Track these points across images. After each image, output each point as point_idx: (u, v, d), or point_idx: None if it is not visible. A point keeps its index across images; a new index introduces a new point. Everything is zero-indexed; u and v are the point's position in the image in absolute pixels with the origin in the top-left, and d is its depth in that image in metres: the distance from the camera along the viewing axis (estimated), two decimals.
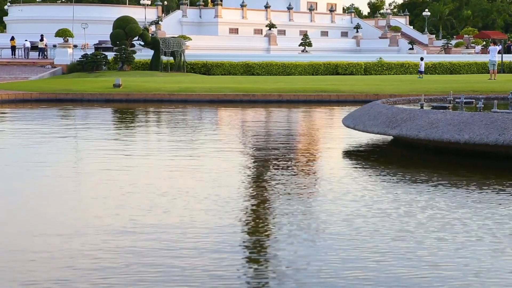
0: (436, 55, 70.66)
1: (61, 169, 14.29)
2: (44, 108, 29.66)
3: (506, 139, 13.72)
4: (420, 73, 48.79)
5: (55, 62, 52.14)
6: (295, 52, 69.53)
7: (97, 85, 36.84)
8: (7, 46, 62.87)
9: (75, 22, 58.00)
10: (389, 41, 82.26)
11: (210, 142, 19.06)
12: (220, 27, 78.73)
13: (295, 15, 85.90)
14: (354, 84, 38.71)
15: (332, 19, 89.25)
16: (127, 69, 50.33)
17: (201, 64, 54.00)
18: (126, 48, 50.58)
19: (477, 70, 57.88)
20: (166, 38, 53.76)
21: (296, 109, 30.29)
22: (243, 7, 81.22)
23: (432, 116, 15.25)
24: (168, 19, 78.27)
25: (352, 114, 18.45)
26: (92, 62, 49.58)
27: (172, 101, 32.42)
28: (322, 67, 55.28)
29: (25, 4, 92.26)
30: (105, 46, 59.08)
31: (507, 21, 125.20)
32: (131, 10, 73.76)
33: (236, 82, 39.85)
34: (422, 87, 35.24)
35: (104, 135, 20.54)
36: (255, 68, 53.87)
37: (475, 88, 34.19)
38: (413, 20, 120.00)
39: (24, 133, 20.82)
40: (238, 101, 32.72)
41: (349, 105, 30.06)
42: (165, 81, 41.14)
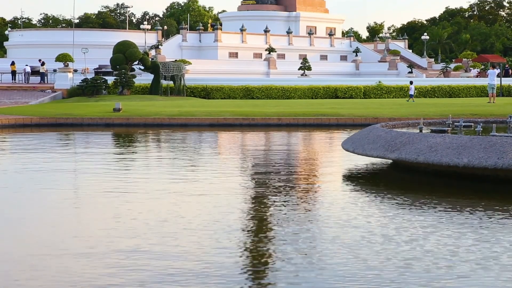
0: (435, 79, 70.87)
1: (60, 194, 14.29)
2: (44, 133, 29.71)
3: (505, 163, 13.74)
4: (411, 97, 49.16)
5: (55, 87, 52.30)
6: (295, 76, 69.75)
7: (97, 110, 36.92)
8: (7, 71, 63.11)
9: (76, 46, 58.28)
10: (388, 65, 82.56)
11: (210, 167, 19.07)
12: (219, 51, 79.07)
13: (294, 39, 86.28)
14: (353, 107, 38.79)
15: (331, 43, 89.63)
16: (127, 93, 50.45)
17: (201, 88, 54.15)
18: (126, 73, 50.74)
19: (476, 94, 58.04)
20: (166, 63, 53.96)
21: (295, 132, 30.32)
22: (243, 31, 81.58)
23: (431, 139, 15.29)
24: (168, 44, 78.62)
25: (352, 138, 18.48)
26: (92, 86, 49.72)
27: (172, 125, 32.47)
28: (322, 91, 55.43)
29: (26, 29, 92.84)
30: (105, 71, 59.31)
31: (506, 44, 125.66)
32: (131, 35, 74.14)
33: (236, 106, 39.93)
34: (421, 111, 35.31)
35: (104, 160, 20.56)
36: (254, 92, 54.01)
37: (474, 112, 34.26)
38: (412, 43, 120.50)
39: (23, 158, 20.84)
40: (238, 125, 32.77)
41: (349, 128, 30.13)
42: (165, 105, 41.23)
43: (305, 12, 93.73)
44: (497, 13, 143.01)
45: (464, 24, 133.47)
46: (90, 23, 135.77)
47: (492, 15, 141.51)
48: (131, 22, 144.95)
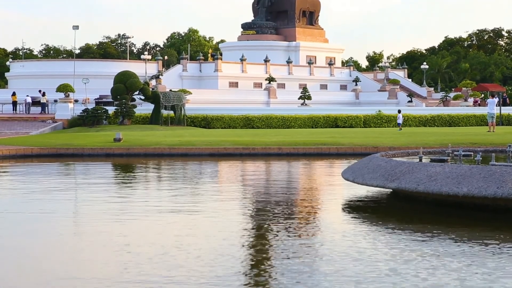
0: (435, 108, 71.05)
1: (60, 227, 14.28)
2: (44, 163, 29.73)
3: (504, 192, 13.75)
4: (399, 125, 49.47)
5: (56, 117, 52.44)
6: (295, 105, 69.95)
7: (98, 140, 36.98)
8: (8, 102, 63.30)
9: (76, 77, 58.54)
10: (388, 94, 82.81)
11: (210, 198, 19.07)
12: (220, 81, 79.34)
13: (294, 68, 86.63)
14: (353, 136, 38.86)
15: (331, 72, 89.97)
16: (128, 123, 50.58)
17: (201, 118, 54.28)
18: (126, 103, 50.91)
19: (476, 123, 58.15)
20: (166, 92, 54.15)
21: (296, 162, 30.35)
22: (243, 61, 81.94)
23: (430, 169, 15.31)
24: (168, 73, 78.93)
25: (351, 167, 18.51)
26: (93, 116, 49.86)
27: (173, 155, 32.49)
28: (322, 120, 55.57)
29: (27, 60, 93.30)
30: (106, 101, 59.50)
31: (505, 73, 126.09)
32: (132, 65, 74.46)
33: (236, 136, 40.00)
34: (421, 140, 35.37)
35: (104, 190, 20.56)
36: (255, 121, 54.14)
37: (474, 141, 34.32)
38: (412, 73, 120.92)
39: (22, 189, 20.84)
40: (238, 154, 32.80)
41: (349, 158, 30.15)
42: (165, 135, 41.30)
43: (305, 42, 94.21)
44: (496, 42, 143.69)
45: (463, 53, 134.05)
46: (91, 53, 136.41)
47: (491, 44, 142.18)
48: (132, 52, 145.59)
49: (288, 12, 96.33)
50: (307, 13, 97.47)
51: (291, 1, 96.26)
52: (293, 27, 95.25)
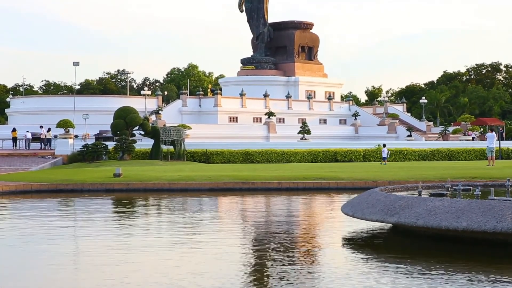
0: (434, 142, 71.14)
1: (61, 262, 14.26)
2: (44, 199, 29.71)
3: (504, 227, 13.77)
4: (383, 160, 49.62)
5: (56, 153, 52.48)
6: (294, 139, 70.03)
7: (98, 175, 36.99)
8: (8, 138, 63.40)
9: (76, 112, 58.68)
10: (387, 128, 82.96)
11: (210, 234, 19.05)
12: (219, 116, 79.49)
13: (293, 103, 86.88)
14: (353, 171, 38.89)
15: (330, 107, 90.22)
16: (128, 159, 50.61)
17: (201, 153, 54.32)
18: (126, 138, 51.00)
19: (475, 157, 58.16)
20: (166, 127, 54.27)
21: (296, 196, 30.34)
22: (242, 96, 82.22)
23: (430, 203, 15.34)
24: (168, 109, 79.12)
25: (351, 202, 18.53)
26: (93, 152, 49.92)
27: (172, 190, 32.49)
28: (321, 155, 55.61)
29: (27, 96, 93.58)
30: (105, 136, 59.58)
31: (504, 108, 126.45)
32: (132, 100, 74.69)
33: (236, 170, 40.03)
34: (420, 174, 35.39)
35: (104, 227, 20.55)
36: (254, 156, 54.19)
37: (474, 175, 34.34)
38: (411, 107, 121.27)
39: (20, 225, 20.82)
40: (238, 189, 32.80)
41: (348, 192, 30.16)
42: (165, 170, 41.33)
43: (304, 76, 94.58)
44: (494, 76, 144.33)
45: (462, 87, 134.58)
46: (91, 89, 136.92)
47: (490, 78, 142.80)
48: (132, 88, 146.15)
49: (287, 48, 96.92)
50: (306, 48, 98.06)
51: (290, 37, 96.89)
52: (292, 62, 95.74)
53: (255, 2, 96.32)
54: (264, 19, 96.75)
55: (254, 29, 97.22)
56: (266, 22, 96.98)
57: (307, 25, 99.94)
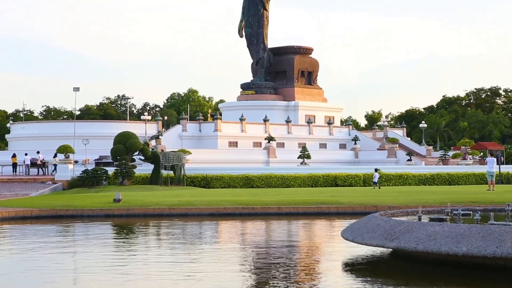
0: (434, 166, 71.15)
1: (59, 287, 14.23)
2: (43, 225, 29.67)
3: (504, 251, 13.75)
4: (375, 184, 49.68)
5: (55, 178, 52.47)
6: (294, 164, 70.03)
7: (98, 200, 36.96)
8: (8, 163, 63.43)
9: (77, 138, 58.77)
10: (387, 153, 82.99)
11: (209, 260, 19.00)
12: (219, 141, 79.56)
13: (293, 128, 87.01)
14: (353, 195, 38.86)
15: (330, 131, 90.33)
16: (127, 184, 50.58)
17: (201, 178, 54.31)
18: (126, 163, 51.01)
19: (476, 181, 58.12)
20: (166, 152, 54.28)
21: (296, 221, 30.31)
22: (242, 120, 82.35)
23: (429, 228, 15.33)
24: (168, 134, 79.23)
25: (351, 226, 18.52)
26: (93, 177, 49.90)
27: (172, 215, 32.45)
28: (321, 179, 55.60)
29: (27, 122, 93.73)
30: (105, 161, 59.57)
31: (504, 132, 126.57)
32: (132, 126, 74.79)
33: (236, 195, 40.01)
34: (420, 198, 35.37)
35: (103, 253, 20.50)
36: (254, 180, 54.17)
37: (474, 199, 34.32)
38: (411, 131, 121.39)
39: (20, 253, 20.79)
40: (237, 214, 32.77)
41: (349, 217, 30.12)
42: (165, 195, 41.30)
43: (304, 101, 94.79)
44: (494, 101, 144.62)
45: (462, 112, 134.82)
46: (91, 114, 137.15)
47: (489, 103, 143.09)
48: (132, 113, 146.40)
49: (287, 72, 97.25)
50: (306, 73, 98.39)
51: (289, 62, 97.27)
52: (292, 87, 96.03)
53: (255, 28, 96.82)
54: (264, 44, 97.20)
55: (254, 54, 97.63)
56: (266, 47, 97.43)
57: (307, 50, 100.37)
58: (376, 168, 53.35)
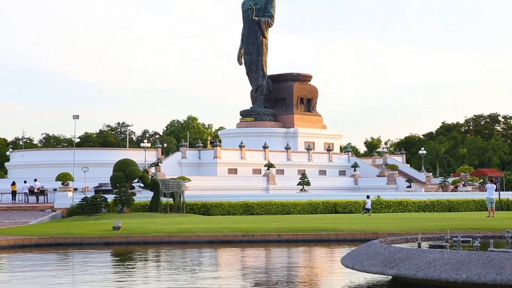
0: (434, 193, 71.08)
1: None
2: (43, 253, 29.58)
3: (503, 279, 13.73)
4: (367, 211, 49.71)
5: (55, 206, 52.38)
6: (294, 191, 69.98)
7: (97, 228, 36.89)
8: (7, 191, 63.38)
9: (76, 165, 58.74)
10: (387, 179, 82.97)
11: (209, 287, 18.96)
12: (219, 168, 79.57)
13: (293, 154, 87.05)
14: (353, 222, 38.81)
15: (329, 158, 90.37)
16: (127, 211, 50.52)
17: (201, 205, 54.25)
18: (126, 191, 50.97)
19: (475, 208, 58.04)
20: (165, 180, 54.27)
21: (295, 248, 30.24)
22: (242, 147, 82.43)
23: (429, 255, 15.31)
24: (167, 161, 79.25)
25: (351, 253, 18.49)
26: (92, 205, 49.83)
27: (172, 243, 32.38)
28: (321, 206, 55.54)
29: (27, 149, 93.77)
30: (105, 189, 59.53)
31: (503, 159, 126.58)
32: (131, 153, 74.84)
33: (235, 222, 39.94)
34: (420, 225, 35.33)
35: (102, 282, 20.44)
36: (254, 207, 54.11)
37: (474, 226, 34.28)
38: (410, 158, 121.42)
39: (19, 282, 20.72)
40: (237, 241, 32.70)
41: (348, 244, 30.07)
42: (164, 222, 41.23)
43: (303, 128, 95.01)
44: (493, 127, 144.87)
45: (461, 138, 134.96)
46: (91, 141, 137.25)
47: (488, 129, 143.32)
48: (132, 140, 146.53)
49: (286, 99, 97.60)
50: (305, 100, 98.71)
51: (289, 89, 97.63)
52: (291, 113, 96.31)
53: (254, 55, 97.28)
54: (263, 72, 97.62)
55: (253, 81, 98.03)
56: (265, 75, 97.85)
57: (306, 77, 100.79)
58: (368, 195, 53.49)
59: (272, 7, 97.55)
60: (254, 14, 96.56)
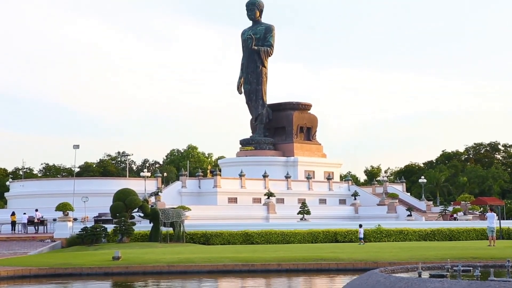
0: (434, 222, 70.92)
1: None
2: (42, 284, 29.47)
3: None
4: (360, 240, 49.68)
5: (54, 236, 52.26)
6: (294, 220, 69.85)
7: (96, 258, 36.78)
8: (7, 222, 63.28)
9: (76, 195, 58.75)
10: (387, 208, 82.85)
11: None
12: (219, 197, 79.50)
13: (293, 183, 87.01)
14: (353, 251, 38.69)
15: (329, 187, 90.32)
16: (127, 241, 50.40)
17: (201, 234, 54.14)
18: (125, 220, 50.89)
19: (476, 236, 57.88)
20: (165, 209, 54.20)
21: (296, 278, 30.12)
22: (242, 176, 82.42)
23: (430, 285, 15.24)
24: (167, 190, 79.20)
25: (351, 283, 18.40)
26: (92, 235, 49.73)
27: (172, 273, 32.27)
28: (321, 235, 55.41)
29: (27, 179, 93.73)
30: (105, 219, 59.44)
31: (503, 187, 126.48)
32: (131, 182, 74.78)
33: (236, 252, 39.83)
34: (421, 254, 35.23)
35: None
36: (254, 237, 53.99)
37: (475, 255, 34.17)
38: (410, 186, 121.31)
39: None
40: (237, 271, 32.59)
41: (349, 273, 29.97)
42: (164, 252, 41.11)
43: (303, 157, 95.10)
44: (493, 156, 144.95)
45: (461, 167, 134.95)
46: (91, 171, 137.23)
47: (488, 158, 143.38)
48: (132, 170, 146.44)
49: (286, 128, 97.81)
50: (305, 129, 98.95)
51: (288, 118, 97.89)
52: (291, 142, 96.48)
53: (254, 84, 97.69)
54: (263, 101, 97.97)
55: (253, 110, 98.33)
56: (264, 103, 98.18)
57: (305, 106, 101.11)
58: (360, 224, 53.51)
59: (272, 36, 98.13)
60: (254, 43, 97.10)
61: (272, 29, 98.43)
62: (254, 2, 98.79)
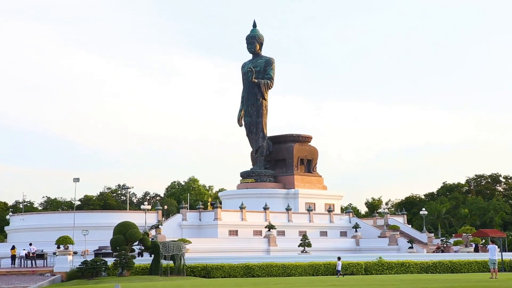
0: (436, 254, 70.63)
1: None
2: None
3: None
4: (338, 272, 49.75)
5: (54, 270, 52.02)
6: (295, 252, 69.59)
7: None
8: (7, 256, 62.98)
9: (76, 229, 58.61)
10: (389, 240, 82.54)
11: None
12: (219, 229, 79.23)
13: (293, 215, 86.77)
14: (354, 284, 38.46)
15: (330, 219, 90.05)
16: (127, 274, 50.16)
17: (201, 267, 53.90)
18: (126, 254, 50.69)
19: (478, 269, 57.63)
20: (166, 242, 54.01)
21: None
22: (242, 209, 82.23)
23: None
24: (168, 223, 78.94)
25: None
26: (92, 268, 49.51)
27: None
28: (323, 268, 55.17)
29: (27, 213, 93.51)
30: (105, 252, 59.23)
31: (505, 219, 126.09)
32: (132, 215, 74.59)
33: (236, 285, 39.61)
34: (423, 287, 34.99)
35: None
36: (255, 269, 53.75)
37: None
38: (411, 218, 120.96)
39: None
40: None
41: None
42: (165, 285, 40.88)
43: (304, 189, 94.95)
44: (494, 188, 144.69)
45: (462, 199, 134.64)
46: (91, 204, 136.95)
47: (489, 190, 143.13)
48: (132, 202, 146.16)
49: (287, 161, 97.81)
50: (305, 161, 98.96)
51: (289, 150, 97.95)
52: (291, 174, 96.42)
53: (254, 117, 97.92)
54: (263, 133, 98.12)
55: (253, 142, 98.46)
56: (265, 136, 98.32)
57: (306, 138, 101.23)
58: (339, 257, 53.27)
59: (272, 69, 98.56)
60: (254, 76, 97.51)
61: (272, 62, 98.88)
62: (254, 35, 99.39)
